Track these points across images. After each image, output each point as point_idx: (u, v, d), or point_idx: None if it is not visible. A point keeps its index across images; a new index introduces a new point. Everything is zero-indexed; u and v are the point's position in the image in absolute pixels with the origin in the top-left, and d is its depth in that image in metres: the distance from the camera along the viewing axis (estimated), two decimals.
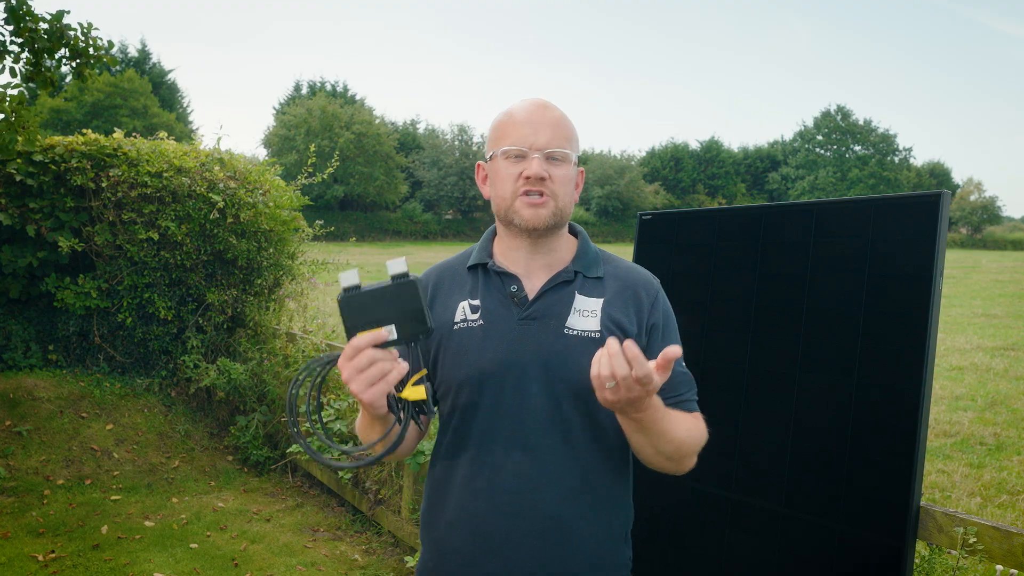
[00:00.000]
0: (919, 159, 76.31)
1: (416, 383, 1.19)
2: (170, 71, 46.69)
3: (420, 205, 47.24)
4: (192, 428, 5.58)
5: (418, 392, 1.18)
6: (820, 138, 62.36)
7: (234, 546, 4.04)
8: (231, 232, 5.71)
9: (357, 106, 47.95)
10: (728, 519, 2.23)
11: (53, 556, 3.78)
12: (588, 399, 1.33)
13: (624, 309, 1.41)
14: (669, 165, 60.37)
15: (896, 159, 61.52)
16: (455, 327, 1.42)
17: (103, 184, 5.44)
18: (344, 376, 1.16)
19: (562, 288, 1.42)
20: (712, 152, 62.00)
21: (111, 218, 5.49)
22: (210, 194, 5.58)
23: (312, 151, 7.01)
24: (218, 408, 5.76)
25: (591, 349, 1.32)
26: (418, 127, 56.07)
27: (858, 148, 61.65)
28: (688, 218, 2.60)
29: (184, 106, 47.58)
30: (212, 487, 4.92)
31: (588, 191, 49.11)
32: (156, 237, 5.48)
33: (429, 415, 1.20)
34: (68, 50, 4.97)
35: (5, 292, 5.53)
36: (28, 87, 5.11)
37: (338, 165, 7.50)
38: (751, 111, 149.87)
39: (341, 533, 4.31)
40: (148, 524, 4.24)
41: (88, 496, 4.58)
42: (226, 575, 3.73)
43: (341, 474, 4.47)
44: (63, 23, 4.89)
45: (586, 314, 1.39)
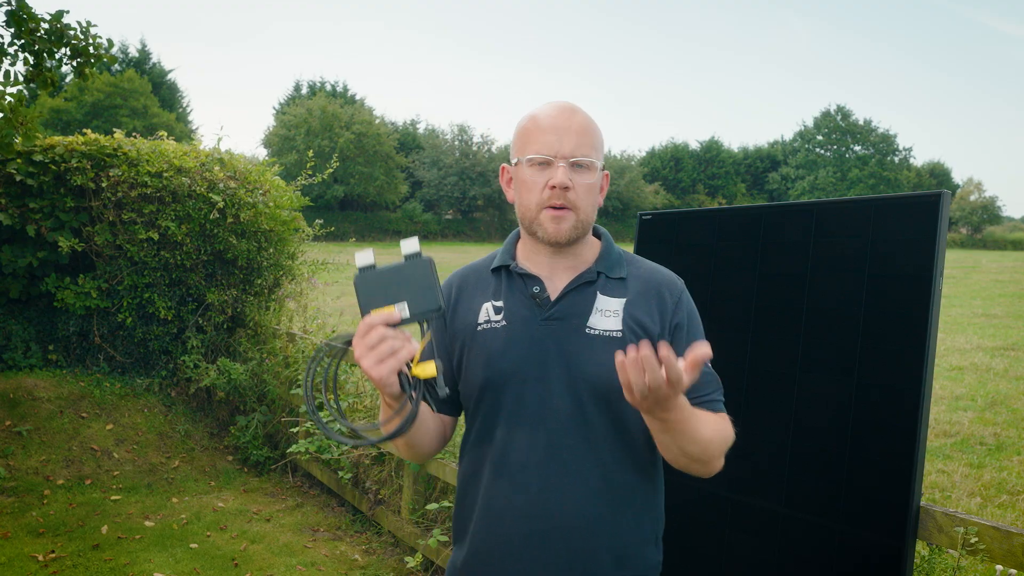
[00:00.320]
0: (919, 159, 76.40)
1: (424, 359, 1.19)
2: (170, 71, 46.72)
3: (420, 205, 47.26)
4: (192, 428, 5.58)
5: (428, 369, 1.18)
6: (820, 138, 62.38)
7: (234, 546, 4.04)
8: (231, 232, 5.71)
9: (357, 106, 47.95)
10: (728, 519, 2.23)
11: (53, 556, 3.78)
12: (611, 399, 1.34)
13: (647, 309, 1.41)
14: (669, 165, 60.40)
15: (896, 159, 61.55)
16: (479, 328, 1.43)
17: (103, 184, 5.44)
18: (356, 353, 1.16)
19: (584, 289, 1.42)
20: (712, 152, 62.02)
21: (111, 218, 5.49)
22: (210, 194, 5.58)
23: (311, 154, 7.01)
24: (218, 408, 5.76)
25: (613, 349, 1.33)
26: (418, 127, 56.12)
27: (858, 148, 61.67)
28: (688, 218, 2.60)
29: (184, 106, 47.59)
30: (212, 487, 4.92)
31: None
32: (156, 237, 5.48)
33: (440, 392, 1.20)
34: (68, 49, 4.97)
35: (5, 292, 5.53)
36: (28, 87, 5.11)
37: (338, 165, 7.50)
38: (751, 111, 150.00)
39: (341, 533, 4.31)
40: (148, 524, 4.24)
41: (88, 496, 4.58)
42: (226, 575, 3.73)
43: (341, 474, 4.47)
44: (63, 23, 4.89)
45: (608, 314, 1.39)
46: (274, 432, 5.37)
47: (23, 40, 4.76)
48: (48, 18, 4.82)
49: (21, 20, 4.66)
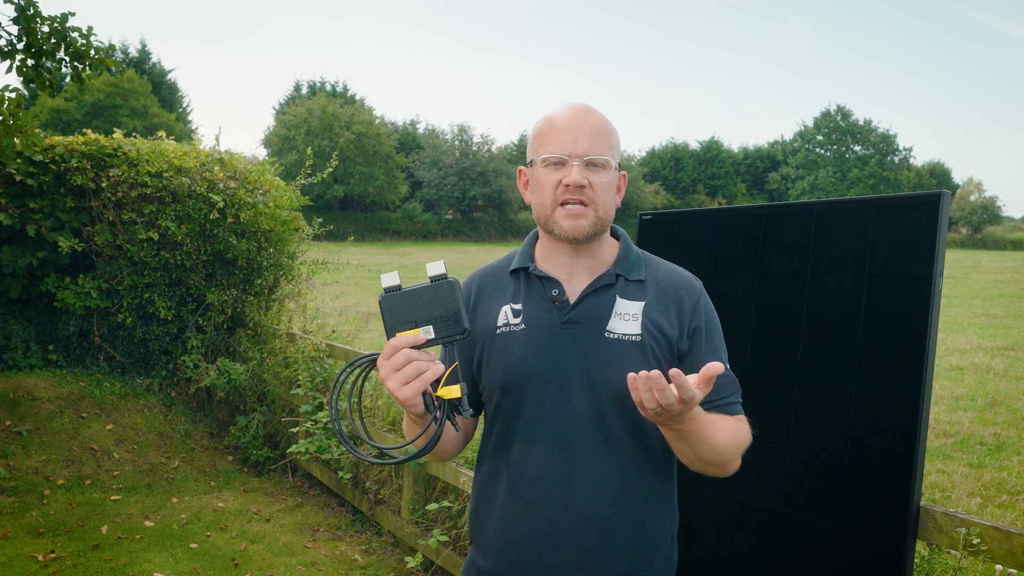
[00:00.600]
0: (919, 159, 76.36)
1: (449, 382, 1.22)
2: (170, 71, 46.68)
3: (420, 205, 47.23)
4: (192, 428, 5.58)
5: (452, 391, 1.21)
6: (820, 138, 62.35)
7: (234, 546, 4.04)
8: (231, 232, 5.71)
9: (357, 106, 47.94)
10: (728, 519, 2.23)
11: (53, 556, 3.78)
12: (629, 402, 1.35)
13: (665, 312, 1.41)
14: (669, 165, 60.37)
15: (896, 159, 61.52)
16: (498, 331, 1.44)
17: (103, 184, 5.44)
18: (381, 374, 1.18)
19: (603, 292, 1.42)
20: (712, 152, 62.00)
21: (111, 218, 5.50)
22: (210, 194, 5.58)
23: (309, 153, 6.99)
24: (218, 408, 5.76)
25: (632, 352, 1.36)
26: (418, 127, 56.09)
27: (858, 148, 61.65)
28: (688, 218, 2.60)
29: (184, 106, 47.57)
30: (212, 487, 4.92)
31: None
32: (156, 237, 5.48)
33: (464, 414, 1.23)
34: (68, 53, 4.97)
35: (5, 292, 5.53)
36: (28, 88, 5.11)
37: (337, 165, 7.49)
38: (751, 111, 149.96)
39: (341, 533, 4.31)
40: (148, 524, 4.24)
41: (88, 496, 4.58)
42: (226, 575, 3.73)
43: (341, 474, 4.47)
44: (66, 26, 4.89)
45: (627, 318, 1.40)
46: (274, 432, 5.37)
47: (27, 39, 4.76)
48: (53, 19, 4.82)
49: (29, 18, 4.66)
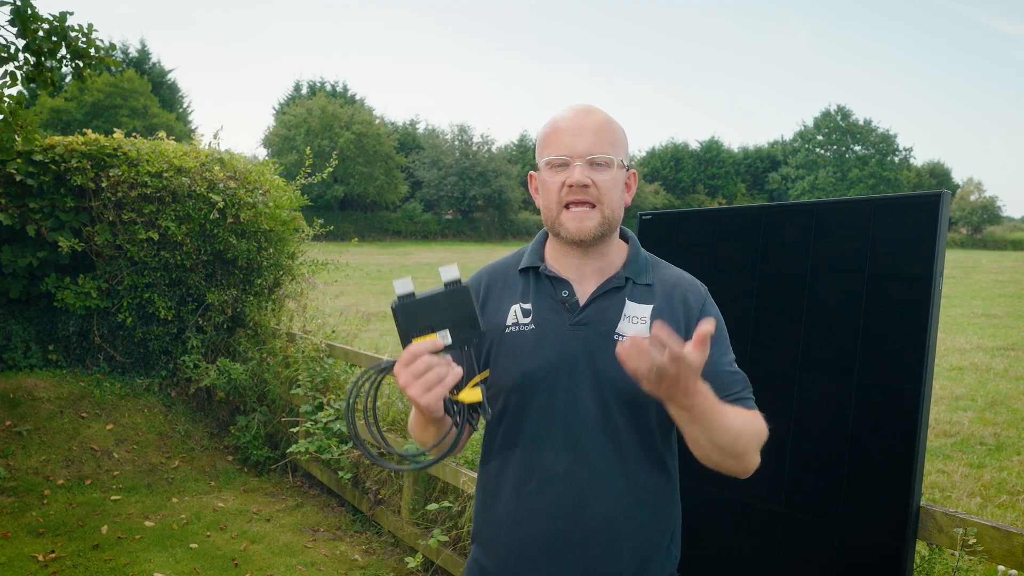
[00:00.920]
0: (919, 159, 76.42)
1: (473, 386, 1.24)
2: (170, 71, 46.71)
3: (420, 205, 47.22)
4: (192, 428, 5.58)
5: (475, 395, 1.22)
6: (820, 138, 62.36)
7: (234, 546, 4.04)
8: (231, 232, 5.71)
9: (357, 106, 47.94)
10: (729, 519, 2.23)
11: (53, 556, 3.78)
12: (637, 404, 1.36)
13: (673, 315, 1.42)
14: (669, 165, 60.37)
15: (896, 159, 61.53)
16: (507, 330, 1.44)
17: (103, 184, 5.44)
18: (401, 381, 1.17)
19: (613, 294, 1.43)
20: (712, 152, 62.00)
21: (111, 218, 5.50)
22: (210, 194, 5.58)
23: (309, 154, 6.98)
24: (218, 408, 5.76)
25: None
26: (418, 127, 56.10)
27: (858, 148, 61.65)
28: (688, 218, 2.60)
29: (184, 106, 47.58)
30: (212, 487, 4.92)
31: None
32: (156, 237, 5.48)
33: (485, 416, 1.24)
34: (68, 52, 4.97)
35: (5, 292, 5.53)
36: (29, 88, 5.11)
37: (337, 164, 7.49)
38: (751, 111, 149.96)
39: (341, 533, 4.31)
40: (148, 524, 4.24)
41: (88, 496, 4.58)
42: (226, 575, 3.73)
43: (341, 474, 4.47)
44: (66, 24, 4.89)
45: (636, 320, 1.41)
46: (274, 432, 5.37)
47: (26, 40, 4.76)
48: (52, 19, 4.82)
49: (25, 19, 4.66)
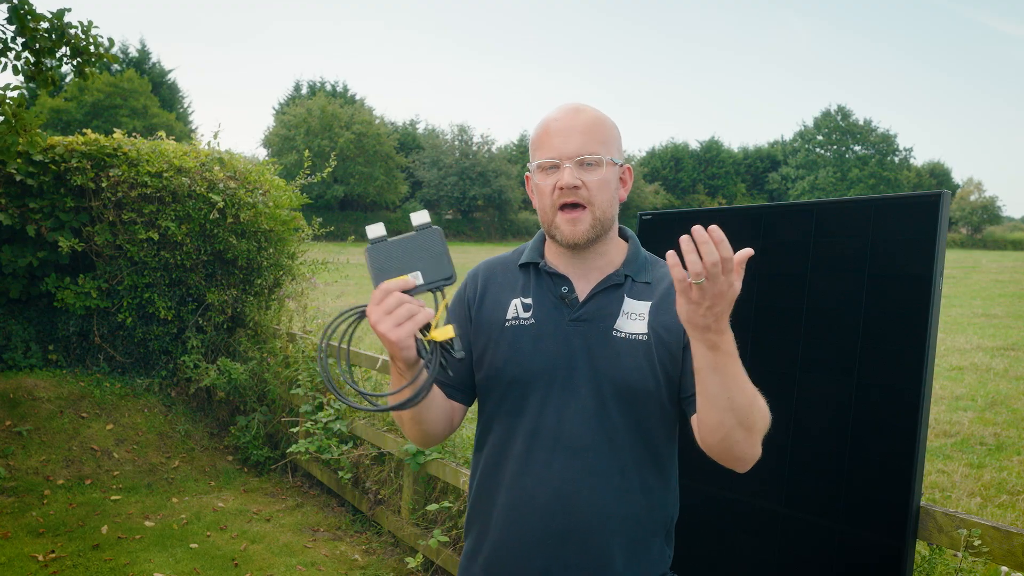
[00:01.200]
0: (919, 159, 76.46)
1: (442, 324, 1.22)
2: (170, 71, 46.72)
3: (420, 205, 47.23)
4: (192, 428, 5.58)
5: (446, 332, 1.20)
6: (820, 138, 62.38)
7: (234, 546, 4.04)
8: (231, 232, 5.71)
9: (357, 106, 47.95)
10: (728, 519, 2.23)
11: (53, 556, 3.78)
12: (634, 401, 1.36)
13: (671, 312, 1.42)
14: (669, 165, 60.40)
15: (896, 159, 61.55)
16: (507, 324, 1.44)
17: (103, 184, 5.44)
18: (372, 319, 1.17)
19: (612, 291, 1.43)
20: (712, 152, 62.02)
21: (111, 218, 5.49)
22: (210, 194, 5.58)
23: (308, 155, 6.98)
24: (218, 408, 5.76)
25: (639, 352, 1.37)
26: (418, 127, 56.13)
27: (858, 148, 61.67)
28: (688, 218, 2.60)
29: (184, 106, 47.59)
30: (212, 487, 4.92)
31: None
32: (156, 237, 5.48)
33: (456, 355, 1.21)
34: (69, 49, 4.97)
35: (5, 292, 5.53)
36: (28, 87, 5.11)
37: (336, 165, 7.48)
38: (751, 111, 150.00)
39: (341, 533, 4.31)
40: (148, 524, 4.24)
41: (88, 496, 4.58)
42: (226, 575, 3.73)
43: (341, 474, 4.47)
44: (64, 22, 4.89)
45: (634, 317, 1.41)
46: (274, 432, 5.37)
47: (25, 38, 4.76)
48: (50, 16, 4.82)
49: (23, 17, 4.66)
